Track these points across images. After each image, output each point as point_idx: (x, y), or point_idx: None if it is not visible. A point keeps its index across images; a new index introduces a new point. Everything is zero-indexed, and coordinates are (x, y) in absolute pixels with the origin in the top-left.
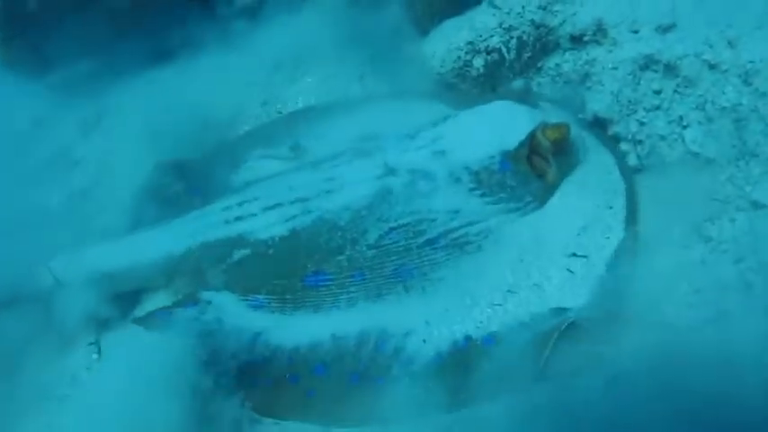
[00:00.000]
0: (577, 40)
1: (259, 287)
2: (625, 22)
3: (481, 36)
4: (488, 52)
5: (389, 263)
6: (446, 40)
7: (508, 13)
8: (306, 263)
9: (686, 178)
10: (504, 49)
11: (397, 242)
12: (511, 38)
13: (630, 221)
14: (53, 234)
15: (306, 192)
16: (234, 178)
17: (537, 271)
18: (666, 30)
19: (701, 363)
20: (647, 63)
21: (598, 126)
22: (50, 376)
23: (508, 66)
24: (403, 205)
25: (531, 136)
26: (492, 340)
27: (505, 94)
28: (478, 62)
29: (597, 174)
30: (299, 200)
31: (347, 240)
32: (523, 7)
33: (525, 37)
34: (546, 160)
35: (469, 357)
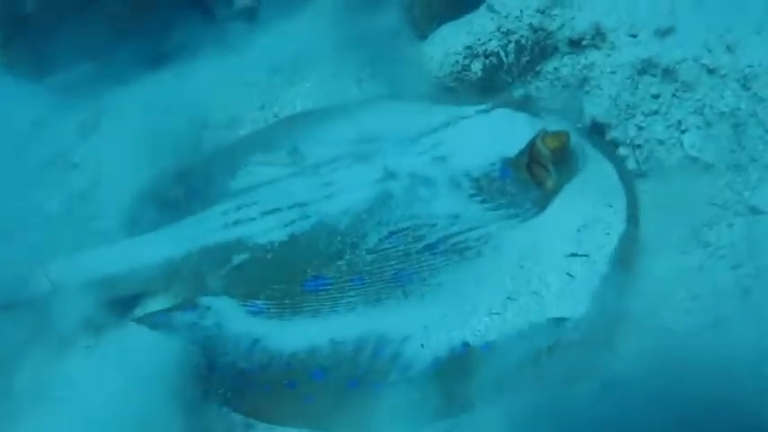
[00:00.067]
0: (576, 45)
1: (258, 292)
2: (623, 27)
3: (479, 40)
4: (487, 56)
5: (389, 267)
6: (444, 44)
7: (506, 17)
8: (305, 267)
9: (685, 183)
10: (502, 53)
11: (397, 247)
12: (509, 42)
13: (631, 222)
14: (51, 237)
15: (305, 196)
16: (232, 182)
17: (536, 277)
18: (665, 34)
19: (699, 368)
20: (646, 67)
21: (596, 131)
22: (47, 379)
23: (506, 70)
24: (403, 210)
25: (531, 144)
26: (490, 348)
27: (505, 102)
28: (477, 66)
29: (597, 180)
30: (298, 204)
31: (347, 245)
32: (522, 11)
33: (523, 41)
34: (545, 168)
35: (467, 364)
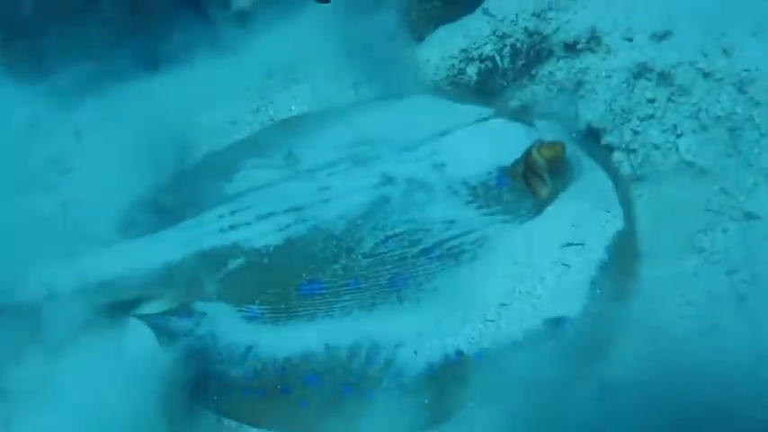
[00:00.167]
0: (571, 48)
1: (253, 297)
2: (619, 30)
3: (475, 43)
4: (482, 60)
5: (384, 272)
6: (440, 48)
7: (502, 21)
8: (301, 272)
9: (680, 187)
10: (497, 57)
11: (393, 251)
12: (504, 45)
13: (626, 227)
14: (45, 241)
15: (300, 200)
16: (227, 187)
17: (531, 273)
18: (661, 38)
19: (695, 373)
20: (641, 71)
21: (591, 135)
22: (40, 383)
23: (501, 74)
24: (399, 214)
25: (527, 154)
26: (484, 357)
27: (502, 110)
28: (472, 70)
29: (592, 188)
30: (294, 208)
31: (342, 249)
32: (517, 15)
33: (519, 45)
34: (541, 178)
35: (460, 371)
